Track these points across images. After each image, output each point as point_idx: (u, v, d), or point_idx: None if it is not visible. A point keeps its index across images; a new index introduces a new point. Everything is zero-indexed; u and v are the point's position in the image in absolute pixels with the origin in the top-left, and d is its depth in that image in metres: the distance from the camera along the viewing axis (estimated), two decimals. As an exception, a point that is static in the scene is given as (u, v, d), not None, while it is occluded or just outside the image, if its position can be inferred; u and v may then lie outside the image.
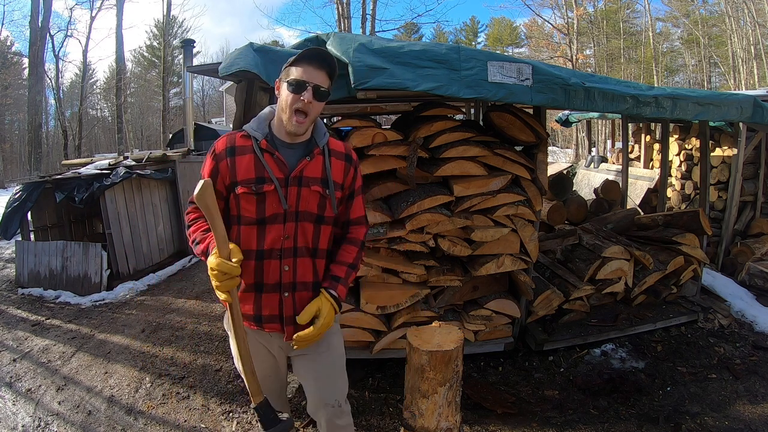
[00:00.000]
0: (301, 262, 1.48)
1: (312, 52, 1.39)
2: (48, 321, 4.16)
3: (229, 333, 1.56)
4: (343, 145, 1.57)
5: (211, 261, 1.33)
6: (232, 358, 3.04)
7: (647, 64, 20.40)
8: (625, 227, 4.22)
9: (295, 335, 1.45)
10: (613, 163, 7.52)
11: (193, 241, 1.48)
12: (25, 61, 17.72)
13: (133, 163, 5.65)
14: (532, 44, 24.18)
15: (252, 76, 2.20)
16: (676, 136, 5.80)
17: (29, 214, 5.44)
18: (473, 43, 34.99)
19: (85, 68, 20.28)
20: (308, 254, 1.49)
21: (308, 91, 1.36)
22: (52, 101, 22.09)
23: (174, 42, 20.64)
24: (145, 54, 31.35)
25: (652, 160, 6.56)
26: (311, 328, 1.44)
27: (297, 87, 1.36)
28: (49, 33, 15.52)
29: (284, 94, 1.39)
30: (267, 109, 1.52)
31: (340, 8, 13.98)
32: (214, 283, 1.35)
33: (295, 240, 1.46)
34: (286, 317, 1.48)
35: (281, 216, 1.43)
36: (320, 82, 1.38)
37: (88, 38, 19.03)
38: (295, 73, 1.37)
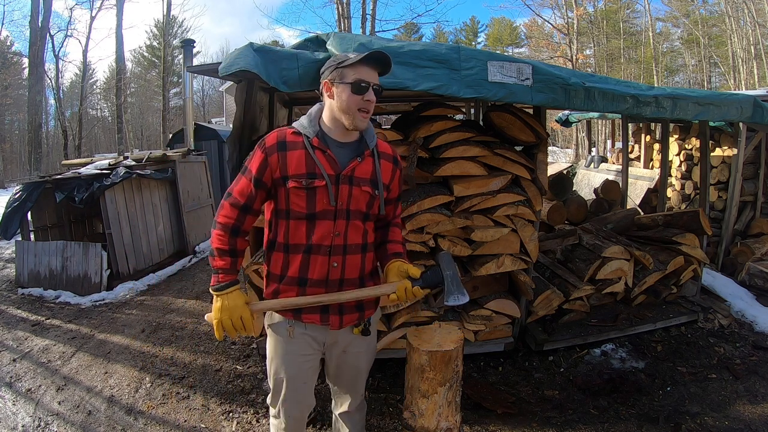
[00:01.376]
0: (350, 260, 1.52)
1: (371, 56, 1.44)
2: (48, 321, 4.16)
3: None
4: (390, 148, 1.64)
5: (244, 312, 1.45)
6: (232, 358, 3.05)
7: (647, 64, 20.40)
8: (625, 227, 4.22)
9: (405, 288, 1.50)
10: (613, 163, 7.52)
11: (220, 250, 1.48)
12: (25, 61, 17.73)
13: (133, 163, 5.65)
14: (532, 44, 24.21)
15: (252, 76, 2.20)
16: (676, 136, 5.80)
17: (29, 214, 5.44)
18: (473, 43, 34.99)
19: (85, 68, 20.29)
20: (359, 251, 1.54)
21: (370, 92, 1.44)
22: (52, 101, 22.13)
23: (174, 42, 20.63)
24: (145, 54, 31.35)
25: (652, 160, 6.56)
26: (398, 284, 1.50)
27: (360, 89, 1.42)
28: (49, 33, 15.52)
29: (346, 95, 1.42)
30: (316, 107, 1.55)
31: (340, 8, 13.98)
32: (225, 322, 1.44)
33: (345, 237, 1.49)
34: (333, 307, 1.52)
35: (331, 213, 1.46)
36: (376, 81, 1.47)
37: (88, 38, 19.08)
38: (355, 74, 1.42)
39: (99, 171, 5.14)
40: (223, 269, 1.47)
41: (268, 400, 1.66)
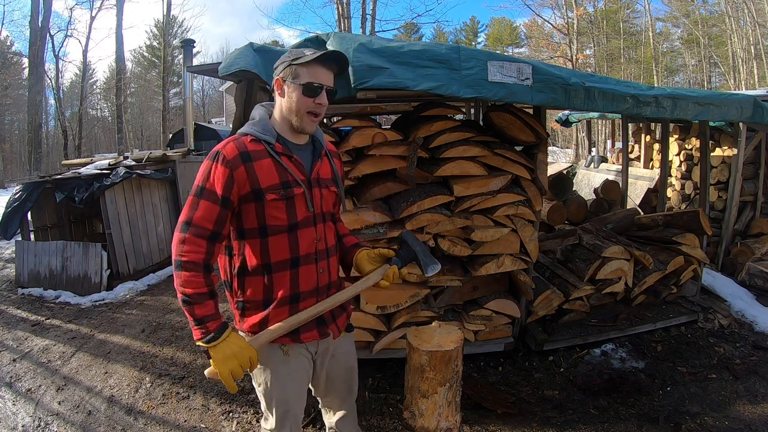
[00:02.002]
0: (332, 262, 1.50)
1: (327, 55, 1.36)
2: (48, 321, 4.16)
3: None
4: (332, 144, 1.62)
5: (252, 353, 1.30)
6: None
7: (647, 64, 20.40)
8: (625, 227, 4.22)
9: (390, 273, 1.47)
10: (613, 163, 7.52)
11: (198, 295, 1.26)
12: (25, 61, 17.73)
13: (133, 163, 5.65)
14: (532, 44, 24.20)
15: (252, 76, 2.20)
16: (676, 136, 5.80)
17: (29, 214, 5.44)
18: (473, 43, 34.99)
19: (85, 68, 20.30)
20: (335, 251, 1.53)
21: (323, 95, 1.36)
22: (52, 101, 22.13)
23: (174, 42, 20.65)
24: (145, 54, 31.35)
25: (652, 160, 6.55)
26: (384, 271, 1.48)
27: (309, 89, 1.34)
28: (49, 33, 15.53)
29: (296, 96, 1.35)
30: (261, 111, 1.45)
31: (340, 8, 13.99)
32: (236, 372, 1.28)
33: (326, 241, 1.47)
34: (327, 317, 1.47)
35: (311, 219, 1.41)
36: (330, 83, 1.38)
37: (88, 38, 19.08)
38: (308, 75, 1.34)
39: (99, 171, 5.15)
40: (208, 317, 1.27)
41: (270, 425, 1.50)
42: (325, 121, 4.14)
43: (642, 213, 4.82)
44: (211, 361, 1.29)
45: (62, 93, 20.26)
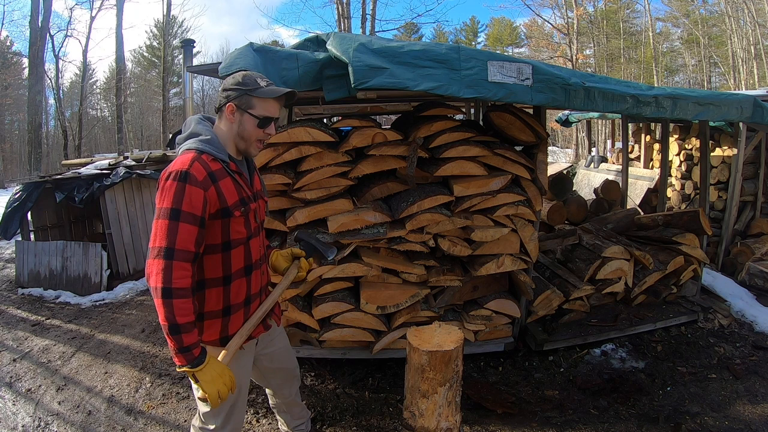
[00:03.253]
0: (266, 264, 1.70)
1: (279, 90, 1.47)
2: (48, 321, 4.16)
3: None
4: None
5: (230, 372, 1.39)
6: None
7: (647, 64, 20.40)
8: (625, 227, 4.22)
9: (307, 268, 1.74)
10: (613, 163, 7.52)
11: (188, 324, 1.28)
12: (25, 61, 17.72)
13: (133, 163, 5.65)
14: (532, 44, 24.19)
15: (252, 76, 2.20)
16: (676, 136, 5.80)
17: (29, 214, 5.44)
18: (473, 43, 34.96)
19: (85, 68, 20.26)
20: (268, 253, 1.74)
21: (272, 126, 1.50)
22: (52, 101, 22.09)
23: (174, 42, 20.64)
24: (145, 54, 31.32)
25: (652, 160, 6.56)
26: (298, 264, 1.73)
27: (264, 122, 1.47)
28: (49, 33, 15.52)
29: (249, 126, 1.46)
30: (206, 127, 1.48)
31: (340, 8, 13.99)
32: (222, 392, 1.34)
33: (264, 246, 1.66)
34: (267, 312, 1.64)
35: (257, 228, 1.58)
36: (279, 114, 1.52)
37: (88, 38, 19.03)
38: (262, 108, 1.45)
39: (99, 171, 5.15)
40: (194, 344, 1.30)
41: (212, 425, 1.57)
42: (325, 121, 4.14)
43: (642, 213, 4.82)
44: (197, 385, 1.33)
45: (62, 93, 20.25)
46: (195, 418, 1.65)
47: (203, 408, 1.55)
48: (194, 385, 1.36)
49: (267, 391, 1.97)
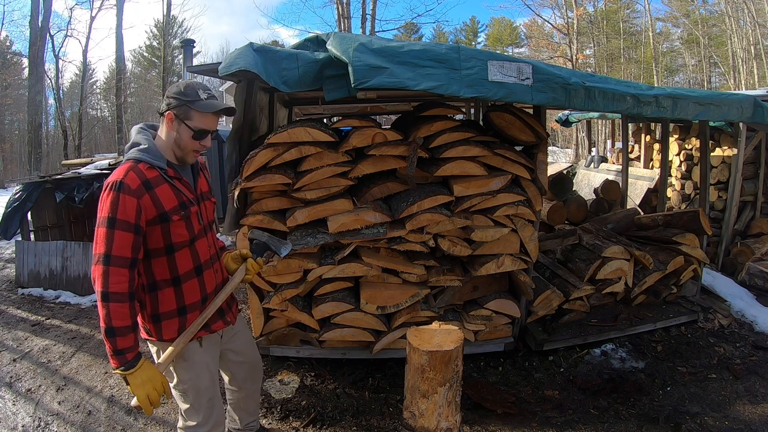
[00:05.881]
0: (220, 262, 1.76)
1: (217, 105, 1.52)
2: (48, 321, 4.16)
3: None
4: (200, 156, 1.75)
5: (162, 378, 1.46)
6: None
7: (647, 64, 20.40)
8: (625, 227, 4.22)
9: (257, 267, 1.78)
10: (613, 163, 7.51)
11: (124, 328, 1.37)
12: (25, 61, 17.72)
13: (133, 163, 5.64)
14: (532, 44, 24.18)
15: (252, 76, 2.20)
16: (676, 136, 5.80)
17: (29, 214, 5.43)
18: (473, 43, 34.95)
19: (85, 68, 20.26)
20: (220, 252, 1.79)
21: (208, 138, 1.55)
22: (52, 101, 22.08)
23: (174, 42, 20.63)
24: (145, 54, 31.31)
25: (652, 160, 6.55)
26: (250, 265, 1.77)
27: (199, 135, 1.52)
28: (49, 33, 15.52)
29: (186, 137, 1.51)
30: (146, 136, 1.55)
31: (340, 8, 13.99)
32: (152, 396, 1.41)
33: (215, 246, 1.72)
34: (224, 308, 1.73)
35: (203, 230, 1.63)
36: (216, 126, 1.57)
37: (88, 38, 19.02)
38: (200, 121, 1.50)
39: (99, 171, 5.14)
40: (129, 348, 1.38)
41: (194, 422, 1.63)
42: (325, 121, 4.14)
43: (642, 213, 4.82)
44: (129, 387, 1.41)
45: (62, 93, 20.24)
46: (178, 418, 1.70)
47: (183, 405, 1.64)
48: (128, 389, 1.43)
49: (227, 387, 2.01)
